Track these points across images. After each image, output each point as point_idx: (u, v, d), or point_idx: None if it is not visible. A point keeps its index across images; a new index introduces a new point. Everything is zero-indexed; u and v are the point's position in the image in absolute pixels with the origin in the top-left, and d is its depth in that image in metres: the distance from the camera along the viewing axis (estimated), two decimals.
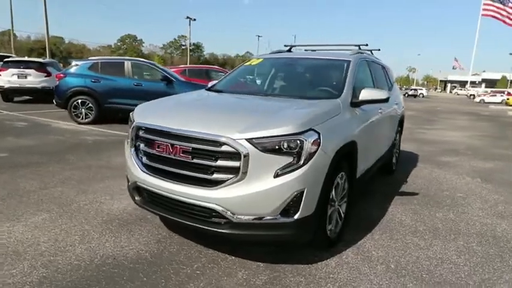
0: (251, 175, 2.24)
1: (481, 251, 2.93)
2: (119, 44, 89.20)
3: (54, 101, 9.07)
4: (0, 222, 3.07)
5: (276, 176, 2.26)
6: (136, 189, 2.79)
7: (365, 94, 3.19)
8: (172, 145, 2.43)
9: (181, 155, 2.39)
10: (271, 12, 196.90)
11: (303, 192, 2.30)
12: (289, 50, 4.59)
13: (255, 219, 2.30)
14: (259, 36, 77.91)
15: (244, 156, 2.22)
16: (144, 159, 2.68)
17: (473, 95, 50.36)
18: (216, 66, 16.96)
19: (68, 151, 5.78)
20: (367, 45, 4.37)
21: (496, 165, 6.29)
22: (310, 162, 2.30)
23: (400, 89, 44.35)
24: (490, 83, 75.41)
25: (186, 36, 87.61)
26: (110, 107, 8.82)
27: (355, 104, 3.18)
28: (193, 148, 2.35)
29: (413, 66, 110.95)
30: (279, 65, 4.09)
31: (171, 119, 2.58)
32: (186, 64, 44.20)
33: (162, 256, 2.64)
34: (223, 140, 2.26)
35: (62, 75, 9.01)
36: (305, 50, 4.64)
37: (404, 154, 6.55)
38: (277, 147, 2.25)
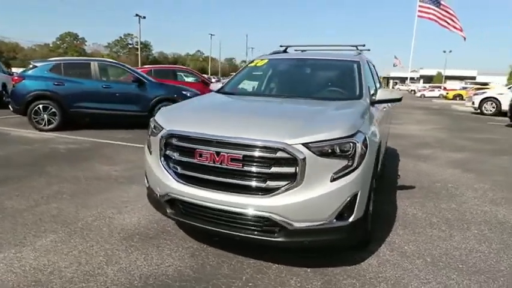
0: (308, 180, 2.19)
1: (496, 237, 3.16)
2: (58, 42, 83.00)
3: (10, 106, 8.20)
4: (2, 248, 2.71)
5: (333, 180, 2.24)
6: (169, 202, 2.60)
7: (381, 94, 3.28)
8: (218, 153, 2.29)
9: (229, 163, 2.27)
10: (222, 11, 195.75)
11: (357, 194, 2.31)
12: (285, 51, 4.59)
13: (311, 225, 2.26)
14: (211, 34, 76.82)
15: (302, 161, 2.17)
16: (180, 169, 2.51)
17: (414, 90, 54.29)
18: (184, 67, 16.50)
19: (44, 162, 5.25)
20: (364, 45, 4.49)
21: (466, 156, 6.83)
22: (362, 164, 2.31)
23: None
24: (427, 79, 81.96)
25: (133, 35, 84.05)
26: (76, 112, 8.17)
27: (373, 103, 3.26)
28: (244, 156, 2.24)
29: None
30: (289, 66, 4.06)
31: (211, 126, 2.45)
32: (138, 64, 42.44)
33: (204, 271, 2.50)
34: (279, 146, 2.18)
35: (19, 78, 8.17)
36: (297, 51, 4.67)
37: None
38: (331, 150, 2.23)
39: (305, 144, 2.19)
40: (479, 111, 16.28)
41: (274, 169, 2.22)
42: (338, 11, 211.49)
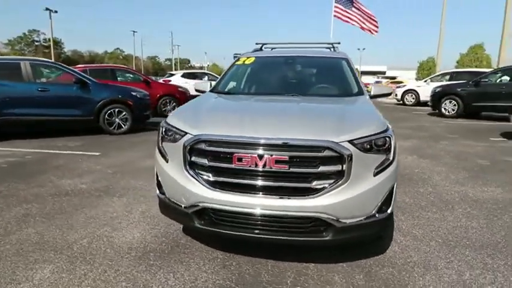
0: (354, 177, 2.21)
1: (479, 214, 3.56)
2: None
3: None
4: None
5: (375, 174, 2.29)
6: (198, 212, 2.40)
7: (376, 90, 3.46)
8: (261, 156, 2.18)
9: (274, 165, 2.18)
10: (143, 7, 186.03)
11: (393, 186, 2.40)
12: (261, 49, 4.56)
13: (357, 221, 2.29)
14: (134, 31, 72.61)
15: (348, 158, 2.18)
16: (212, 175, 2.33)
17: None
18: (124, 66, 15.31)
19: None
20: (339, 43, 4.67)
21: (414, 143, 7.56)
22: (396, 158, 2.41)
23: None
24: None
25: (39, 31, 75.15)
26: (5, 120, 7.08)
27: (371, 98, 3.41)
28: (290, 157, 2.17)
29: None
30: (281, 63, 4.01)
31: (246, 128, 2.32)
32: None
33: (245, 281, 2.36)
34: (326, 144, 2.16)
35: None
36: (272, 49, 4.68)
37: None
38: (371, 146, 2.28)
39: (350, 141, 2.20)
40: (401, 102, 18.17)
41: (321, 168, 2.19)
42: (252, 10, 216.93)
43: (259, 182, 2.24)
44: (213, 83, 3.78)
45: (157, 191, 2.73)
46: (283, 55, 4.13)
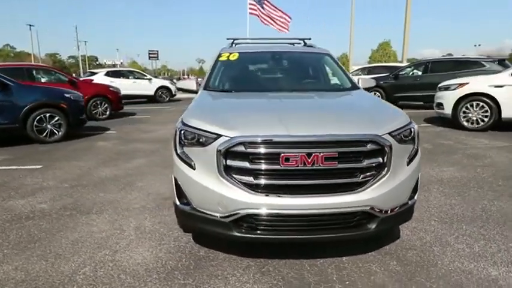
0: (393, 168, 2.28)
1: (451, 192, 4.00)
2: None
3: None
4: None
5: (408, 164, 2.40)
6: (237, 220, 2.23)
7: (364, 83, 3.61)
8: (309, 154, 2.11)
9: (324, 163, 2.12)
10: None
11: (419, 174, 2.54)
12: (233, 43, 4.44)
13: (396, 209, 2.37)
14: (30, 25, 63.70)
15: (389, 150, 2.24)
16: (255, 179, 2.17)
17: None
18: (43, 64, 13.28)
19: None
20: (310, 39, 4.76)
21: None
22: (419, 147, 2.56)
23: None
24: None
25: None
26: None
27: None
28: (339, 153, 2.14)
29: (202, 58, 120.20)
30: (266, 59, 3.91)
31: (290, 126, 2.21)
32: None
33: (294, 285, 2.27)
34: (371, 138, 2.19)
35: None
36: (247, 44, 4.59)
37: None
38: (403, 137, 2.38)
39: (390, 134, 2.27)
40: None
41: (365, 162, 2.21)
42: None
43: (307, 181, 2.17)
44: (201, 81, 3.52)
45: (177, 202, 2.45)
46: (268, 51, 4.05)
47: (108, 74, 16.23)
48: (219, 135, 2.20)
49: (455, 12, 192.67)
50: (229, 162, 2.19)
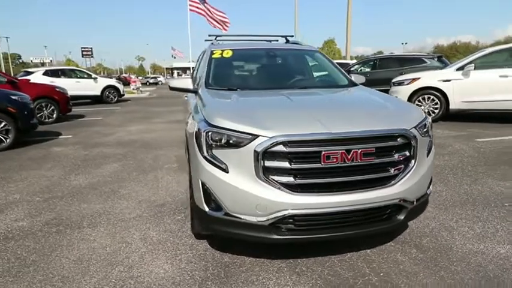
0: (418, 160, 2.38)
1: (438, 179, 4.25)
2: None
3: None
4: None
5: (427, 155, 2.52)
6: (276, 223, 2.17)
7: (356, 79, 3.73)
8: (348, 151, 2.12)
9: (362, 159, 2.15)
10: None
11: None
12: (215, 40, 4.32)
13: (420, 200, 2.48)
14: None
15: (416, 143, 2.33)
16: (294, 179, 2.13)
17: None
18: None
19: None
20: (292, 36, 4.78)
21: None
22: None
23: (136, 77, 45.94)
24: None
25: None
26: None
27: None
28: (376, 148, 2.18)
29: (142, 56, 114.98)
30: (261, 56, 3.81)
31: (327, 123, 2.19)
32: None
33: (334, 283, 2.27)
34: (401, 132, 2.26)
35: None
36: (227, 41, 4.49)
37: None
38: (424, 130, 2.49)
39: (415, 127, 2.36)
40: None
41: (397, 155, 2.28)
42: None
43: (347, 178, 2.18)
44: (201, 79, 3.33)
45: (206, 209, 2.30)
46: (262, 48, 3.98)
47: (47, 73, 14.79)
48: (256, 136, 2.11)
49: (384, 12, 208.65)
50: (268, 163, 2.11)
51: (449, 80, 8.18)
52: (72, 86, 14.79)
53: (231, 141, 2.17)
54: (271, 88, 3.25)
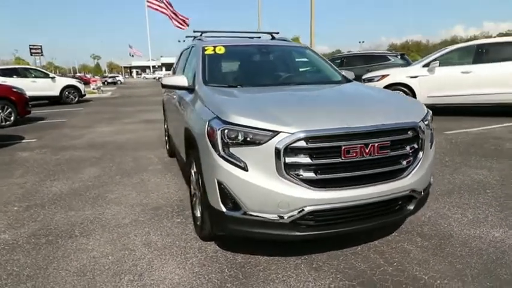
0: (425, 151, 2.48)
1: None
2: None
3: None
4: None
5: (430, 147, 2.62)
6: (298, 219, 2.15)
7: (348, 75, 3.80)
8: (366, 144, 2.15)
9: (379, 152, 2.19)
10: None
11: None
12: (201, 36, 4.24)
13: (426, 189, 2.58)
14: None
15: (423, 136, 2.42)
16: (315, 174, 2.12)
17: (161, 77, 57.65)
18: None
19: None
20: (278, 33, 4.77)
21: None
22: None
23: (93, 76, 43.75)
24: (169, 66, 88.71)
25: None
26: None
27: None
28: (391, 141, 2.23)
29: (97, 54, 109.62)
30: (254, 53, 3.75)
31: (344, 118, 2.20)
32: None
33: (353, 276, 2.29)
34: (412, 125, 2.34)
35: None
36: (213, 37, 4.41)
37: None
38: (428, 123, 2.59)
39: (423, 121, 2.45)
40: None
41: (408, 148, 2.35)
42: None
43: (364, 172, 2.21)
44: (196, 76, 3.21)
45: (223, 209, 2.23)
46: (253, 44, 3.92)
47: None
48: (277, 132, 2.07)
49: (341, 12, 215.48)
50: (289, 159, 2.09)
51: (416, 76, 8.60)
52: (27, 86, 13.70)
53: (248, 139, 2.12)
54: (270, 84, 3.22)
